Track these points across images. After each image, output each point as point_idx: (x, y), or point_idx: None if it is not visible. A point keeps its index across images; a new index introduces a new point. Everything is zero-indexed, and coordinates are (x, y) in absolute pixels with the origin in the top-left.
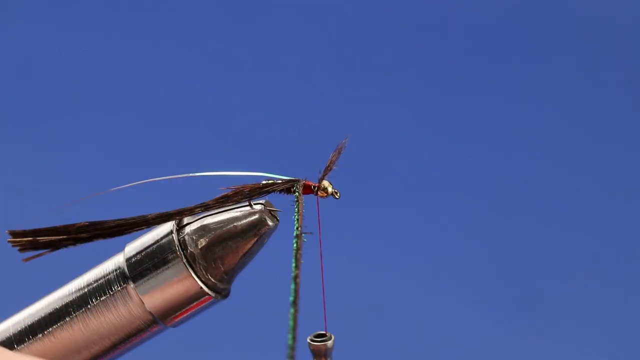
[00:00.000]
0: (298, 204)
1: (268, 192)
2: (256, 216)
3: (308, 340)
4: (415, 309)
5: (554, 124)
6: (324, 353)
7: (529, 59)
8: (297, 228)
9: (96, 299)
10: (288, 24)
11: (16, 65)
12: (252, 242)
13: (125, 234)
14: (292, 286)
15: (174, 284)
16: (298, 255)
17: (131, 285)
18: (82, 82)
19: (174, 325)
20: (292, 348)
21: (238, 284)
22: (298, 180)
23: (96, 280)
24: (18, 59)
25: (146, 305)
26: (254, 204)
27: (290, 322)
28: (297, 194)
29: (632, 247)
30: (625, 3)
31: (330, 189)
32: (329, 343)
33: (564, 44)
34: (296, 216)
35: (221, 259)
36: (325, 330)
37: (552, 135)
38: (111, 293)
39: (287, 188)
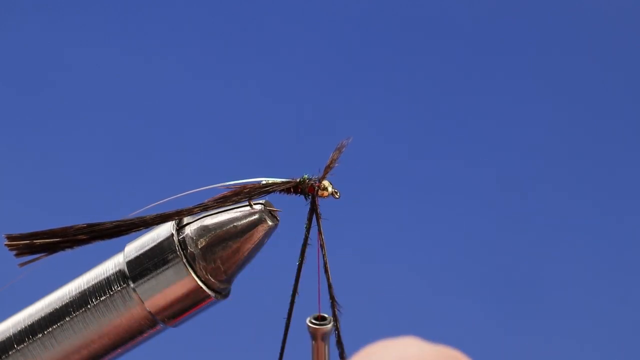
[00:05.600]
0: (313, 204)
1: (268, 192)
2: (256, 216)
3: (307, 323)
4: (415, 309)
5: (556, 125)
6: (322, 336)
7: (530, 59)
8: (308, 222)
9: (96, 299)
10: (289, 24)
11: (13, 65)
12: (252, 242)
13: (123, 235)
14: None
15: (174, 284)
16: (304, 248)
17: (131, 285)
18: (81, 83)
19: (174, 325)
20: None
21: (238, 284)
22: (304, 181)
23: (96, 280)
24: (15, 59)
25: (146, 305)
26: (254, 204)
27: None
28: (311, 196)
29: (633, 246)
30: (626, 3)
31: (330, 189)
32: (328, 326)
33: (565, 44)
34: (308, 216)
35: (221, 258)
36: (320, 313)
37: (552, 135)
38: (111, 293)
39: (288, 188)
